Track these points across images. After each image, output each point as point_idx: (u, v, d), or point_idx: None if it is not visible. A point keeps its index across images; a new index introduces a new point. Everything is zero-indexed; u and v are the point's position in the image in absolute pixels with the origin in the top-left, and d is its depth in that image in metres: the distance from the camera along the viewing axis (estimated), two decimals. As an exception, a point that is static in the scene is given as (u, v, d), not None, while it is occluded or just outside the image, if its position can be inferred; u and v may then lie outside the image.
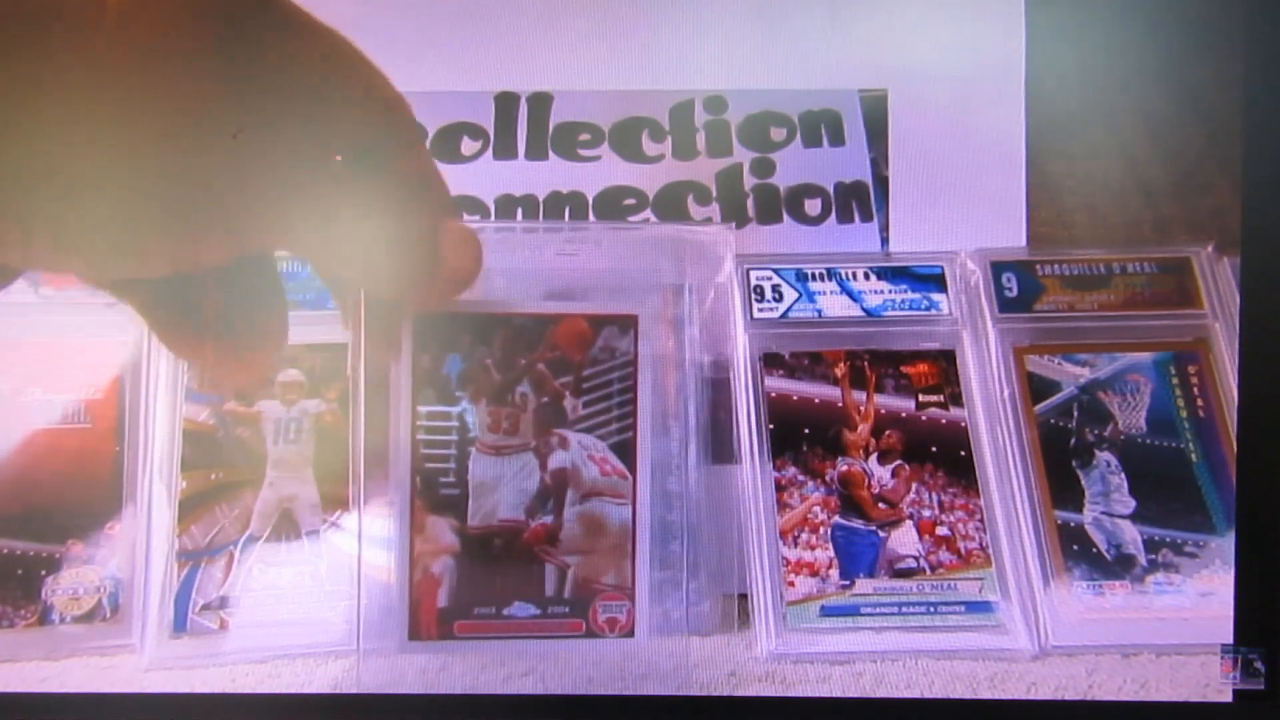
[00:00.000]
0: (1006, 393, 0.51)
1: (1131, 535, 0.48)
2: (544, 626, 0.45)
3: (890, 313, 0.52)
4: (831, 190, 0.56)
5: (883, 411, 0.51)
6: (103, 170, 0.19)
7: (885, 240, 0.56)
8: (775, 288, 0.53)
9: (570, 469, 0.46)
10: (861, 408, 0.51)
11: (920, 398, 0.51)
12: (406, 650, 0.44)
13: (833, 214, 0.56)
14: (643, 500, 0.46)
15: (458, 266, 0.27)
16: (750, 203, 0.56)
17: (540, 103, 0.56)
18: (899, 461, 0.50)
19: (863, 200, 0.56)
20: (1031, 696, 0.43)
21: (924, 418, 0.51)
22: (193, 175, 0.20)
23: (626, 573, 0.45)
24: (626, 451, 0.46)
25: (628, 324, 0.47)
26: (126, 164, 0.20)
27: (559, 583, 0.45)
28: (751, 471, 0.49)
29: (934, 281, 0.53)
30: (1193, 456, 0.50)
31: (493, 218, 0.54)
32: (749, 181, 0.56)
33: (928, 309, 0.53)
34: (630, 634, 0.45)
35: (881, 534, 0.49)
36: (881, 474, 0.50)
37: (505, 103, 0.56)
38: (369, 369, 0.45)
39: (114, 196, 0.20)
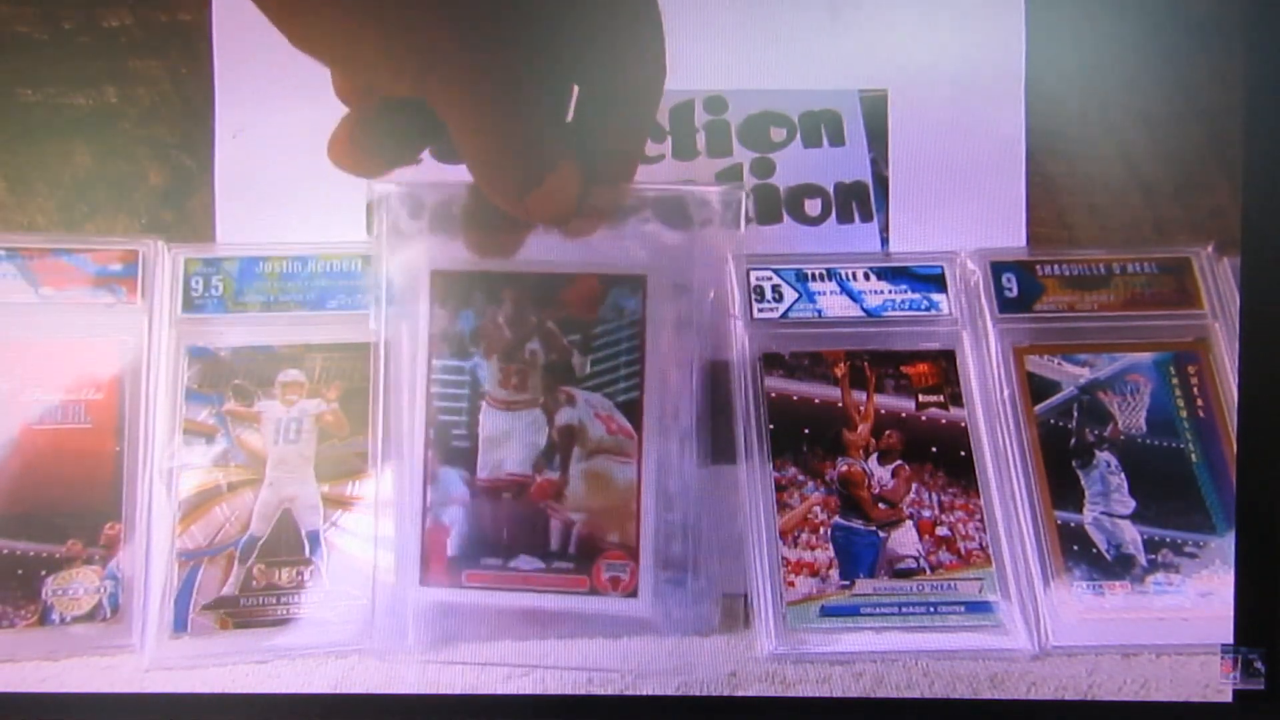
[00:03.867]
0: (1006, 393, 0.51)
1: (1131, 535, 0.48)
2: (548, 581, 0.45)
3: (890, 313, 0.52)
4: (831, 190, 0.56)
5: (883, 411, 0.51)
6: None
7: (885, 240, 0.56)
8: (775, 288, 0.53)
9: (577, 426, 0.46)
10: (861, 408, 0.51)
11: (920, 398, 0.51)
12: (419, 593, 0.44)
13: (833, 214, 0.56)
14: (648, 461, 0.46)
15: (563, 188, 0.31)
16: (750, 203, 0.56)
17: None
18: (899, 461, 0.50)
19: (863, 200, 0.56)
20: (1031, 696, 0.43)
21: (924, 418, 0.51)
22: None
23: (631, 532, 0.45)
24: (633, 411, 0.46)
25: (637, 284, 0.46)
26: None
27: (564, 539, 0.45)
28: (751, 471, 0.49)
29: (934, 281, 0.53)
30: (1193, 456, 0.50)
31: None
32: (749, 181, 0.56)
33: (928, 309, 0.53)
34: (633, 594, 0.45)
35: (881, 534, 0.49)
36: (881, 474, 0.50)
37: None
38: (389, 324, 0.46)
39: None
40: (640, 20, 0.31)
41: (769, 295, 0.52)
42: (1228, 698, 0.41)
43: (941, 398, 0.51)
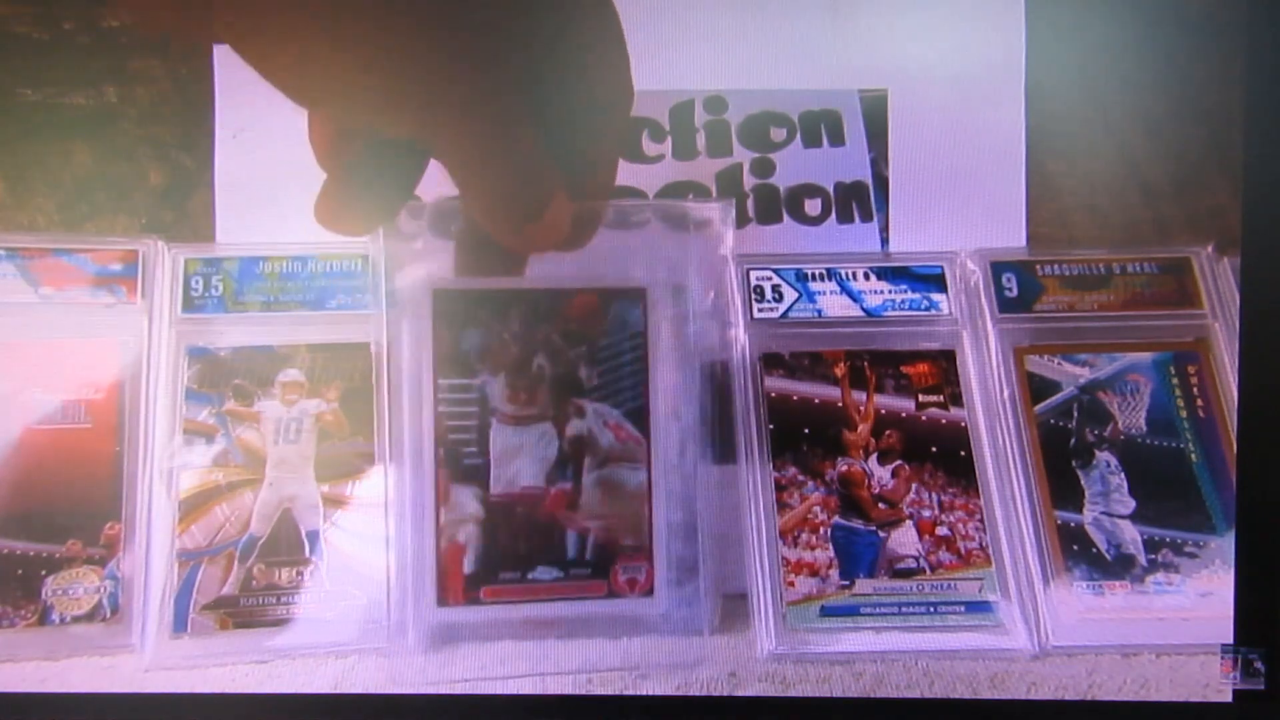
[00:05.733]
0: (1006, 393, 0.51)
1: (1131, 535, 0.48)
2: (567, 589, 0.46)
3: (890, 313, 0.52)
4: (831, 190, 0.56)
5: (883, 411, 0.51)
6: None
7: (885, 240, 0.56)
8: (775, 288, 0.53)
9: (587, 436, 0.47)
10: (861, 408, 0.51)
11: (920, 398, 0.51)
12: (436, 616, 0.45)
13: (833, 214, 0.56)
14: (658, 464, 0.46)
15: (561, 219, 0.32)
16: (750, 203, 0.56)
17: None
18: (899, 461, 0.50)
19: (863, 200, 0.56)
20: (1032, 696, 0.43)
21: (924, 418, 0.51)
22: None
23: (644, 534, 0.46)
24: (640, 417, 0.47)
25: (637, 296, 0.47)
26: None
27: (580, 546, 0.46)
28: (751, 471, 0.49)
29: (934, 281, 0.53)
30: (1193, 456, 0.50)
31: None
32: (749, 181, 0.56)
33: (928, 309, 0.53)
34: (649, 593, 0.46)
35: (881, 534, 0.49)
36: (881, 474, 0.50)
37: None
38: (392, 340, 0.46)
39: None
40: (603, 35, 0.32)
41: (769, 295, 0.52)
42: (1228, 698, 0.41)
43: (941, 398, 0.51)
